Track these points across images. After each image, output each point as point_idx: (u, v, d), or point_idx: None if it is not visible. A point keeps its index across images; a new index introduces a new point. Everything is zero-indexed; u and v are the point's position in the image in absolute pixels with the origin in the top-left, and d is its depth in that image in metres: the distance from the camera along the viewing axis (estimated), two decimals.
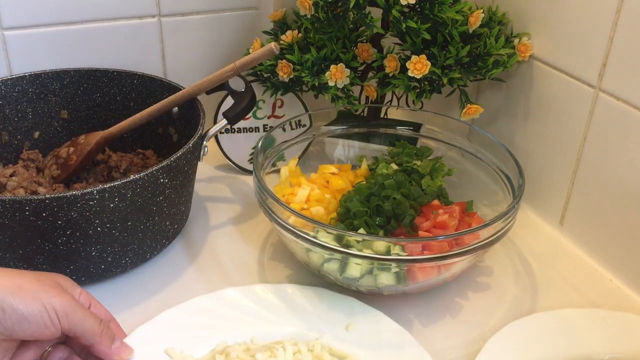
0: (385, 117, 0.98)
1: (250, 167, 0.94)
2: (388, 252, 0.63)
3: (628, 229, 0.74)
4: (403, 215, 0.71)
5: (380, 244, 0.63)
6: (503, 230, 0.67)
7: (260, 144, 0.78)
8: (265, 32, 0.94)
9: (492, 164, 0.81)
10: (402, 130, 0.93)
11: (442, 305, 0.72)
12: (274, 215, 0.69)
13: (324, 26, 0.83)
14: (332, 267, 0.67)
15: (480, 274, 0.77)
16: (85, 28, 0.90)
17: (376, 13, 0.80)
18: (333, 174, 0.82)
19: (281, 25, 0.92)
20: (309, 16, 0.83)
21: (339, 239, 0.65)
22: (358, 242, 0.64)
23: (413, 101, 0.84)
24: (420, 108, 0.93)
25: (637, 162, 0.71)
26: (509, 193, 0.76)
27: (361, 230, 0.70)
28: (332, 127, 0.90)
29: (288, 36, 0.88)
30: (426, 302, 0.72)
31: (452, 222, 0.70)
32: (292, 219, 0.67)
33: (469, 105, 0.83)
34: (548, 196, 0.85)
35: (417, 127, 0.96)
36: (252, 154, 0.94)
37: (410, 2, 0.76)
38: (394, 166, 0.80)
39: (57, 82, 0.87)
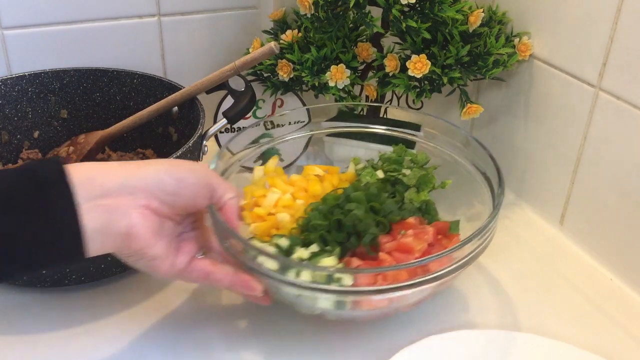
0: (385, 116, 0.98)
1: (251, 166, 0.94)
2: (329, 279, 0.57)
3: (628, 229, 0.73)
4: (364, 233, 0.64)
5: (307, 273, 0.58)
6: (473, 254, 0.61)
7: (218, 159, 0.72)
8: (265, 32, 0.94)
9: (479, 170, 0.74)
10: (402, 133, 0.93)
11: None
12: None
13: (324, 25, 0.83)
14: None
15: (478, 272, 0.77)
16: (85, 27, 0.90)
17: (376, 12, 0.80)
18: (318, 176, 0.76)
19: (281, 25, 0.92)
20: (309, 15, 0.83)
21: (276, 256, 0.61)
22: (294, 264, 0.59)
23: (413, 100, 0.84)
24: (420, 107, 0.93)
25: (637, 161, 0.71)
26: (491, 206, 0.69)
27: (313, 247, 0.64)
28: (328, 124, 0.86)
29: (288, 35, 0.88)
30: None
31: (419, 245, 0.63)
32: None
33: (469, 104, 0.83)
34: (548, 195, 0.85)
35: (416, 128, 0.96)
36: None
37: (411, 2, 0.76)
38: (380, 174, 0.74)
39: (56, 81, 0.87)
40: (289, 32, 0.88)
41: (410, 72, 0.79)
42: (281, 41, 0.88)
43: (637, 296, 0.74)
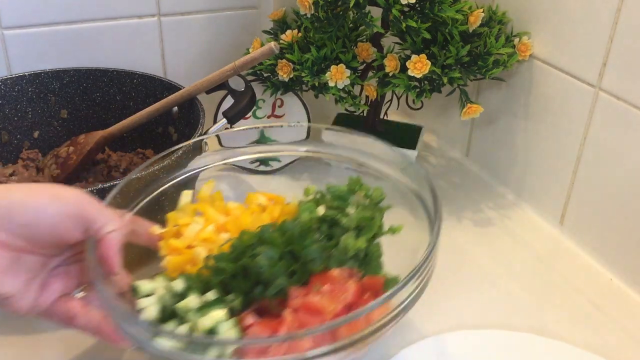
0: (386, 116, 0.98)
1: (250, 166, 0.94)
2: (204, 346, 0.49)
3: (628, 229, 0.73)
4: (270, 283, 0.55)
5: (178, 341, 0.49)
6: (394, 314, 0.52)
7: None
8: (265, 32, 0.94)
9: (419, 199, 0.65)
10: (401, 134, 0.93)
11: None
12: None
13: (324, 25, 0.83)
14: None
15: (478, 272, 0.77)
16: (84, 27, 0.90)
17: (376, 12, 0.80)
18: (260, 205, 0.66)
19: (281, 25, 0.92)
20: (308, 15, 0.83)
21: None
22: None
23: (413, 100, 0.84)
24: (421, 107, 0.93)
25: (637, 161, 0.71)
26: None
27: (210, 294, 0.55)
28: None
29: (288, 35, 0.88)
30: None
31: (332, 306, 0.53)
32: None
33: (469, 104, 0.83)
34: (548, 196, 0.85)
35: (417, 129, 0.97)
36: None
37: (410, 2, 0.76)
38: (321, 210, 0.62)
39: (56, 81, 0.87)
40: (289, 32, 0.88)
41: (410, 72, 0.79)
42: (281, 41, 0.88)
43: (637, 296, 0.74)
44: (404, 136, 0.94)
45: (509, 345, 0.64)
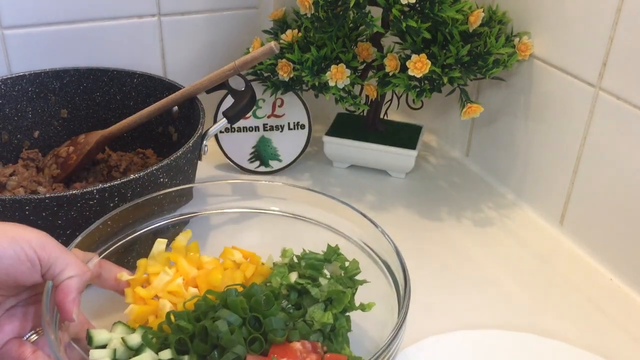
0: (386, 116, 0.98)
1: (250, 166, 0.94)
2: None
3: (628, 229, 0.73)
4: (227, 350, 0.53)
5: None
6: None
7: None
8: (265, 31, 0.94)
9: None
10: (401, 134, 0.94)
11: None
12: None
13: (324, 25, 0.83)
14: None
15: (478, 272, 0.77)
16: (85, 27, 0.90)
17: (376, 12, 0.80)
18: (235, 262, 0.65)
19: (281, 25, 0.92)
20: (309, 15, 0.83)
21: None
22: None
23: (413, 100, 0.84)
24: (421, 107, 0.93)
25: (637, 161, 0.71)
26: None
27: (165, 353, 0.53)
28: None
29: (288, 35, 0.88)
30: None
31: None
32: None
33: (469, 104, 0.83)
34: (548, 195, 0.85)
35: (417, 129, 0.97)
36: (252, 153, 0.94)
37: (411, 2, 0.76)
38: (293, 277, 0.61)
39: (56, 81, 0.87)
40: (289, 31, 0.88)
41: (410, 72, 0.79)
42: (281, 41, 0.88)
43: (637, 296, 0.74)
44: (404, 136, 0.94)
45: (508, 345, 0.64)
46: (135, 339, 0.54)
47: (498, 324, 0.68)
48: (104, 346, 0.55)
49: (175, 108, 0.84)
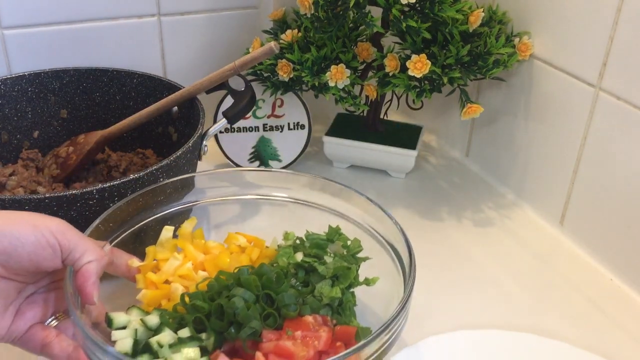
0: (386, 116, 0.98)
1: (250, 166, 0.94)
2: None
3: (628, 229, 0.73)
4: (244, 325, 0.55)
5: None
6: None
7: None
8: (265, 31, 0.94)
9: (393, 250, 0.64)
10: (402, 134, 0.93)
11: None
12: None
13: (324, 25, 0.83)
14: None
15: (478, 272, 0.77)
16: (84, 27, 0.90)
17: (376, 12, 0.80)
18: (240, 246, 0.67)
19: (281, 25, 0.92)
20: (308, 15, 0.83)
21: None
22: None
23: (413, 100, 0.84)
24: (421, 107, 0.93)
25: (637, 161, 0.71)
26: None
27: (184, 331, 0.56)
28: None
29: (288, 35, 0.87)
30: None
31: (303, 352, 0.53)
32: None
33: (469, 104, 0.83)
34: (548, 195, 0.85)
35: (417, 129, 0.97)
36: (251, 153, 0.94)
37: (411, 1, 0.76)
38: (299, 257, 0.63)
39: (56, 81, 0.87)
40: (289, 32, 0.88)
41: (410, 72, 0.79)
42: (281, 41, 0.88)
43: (637, 296, 0.74)
44: (404, 136, 0.94)
45: (509, 345, 0.64)
46: (153, 319, 0.56)
47: (498, 324, 0.68)
48: (123, 328, 0.56)
49: (175, 108, 0.84)
